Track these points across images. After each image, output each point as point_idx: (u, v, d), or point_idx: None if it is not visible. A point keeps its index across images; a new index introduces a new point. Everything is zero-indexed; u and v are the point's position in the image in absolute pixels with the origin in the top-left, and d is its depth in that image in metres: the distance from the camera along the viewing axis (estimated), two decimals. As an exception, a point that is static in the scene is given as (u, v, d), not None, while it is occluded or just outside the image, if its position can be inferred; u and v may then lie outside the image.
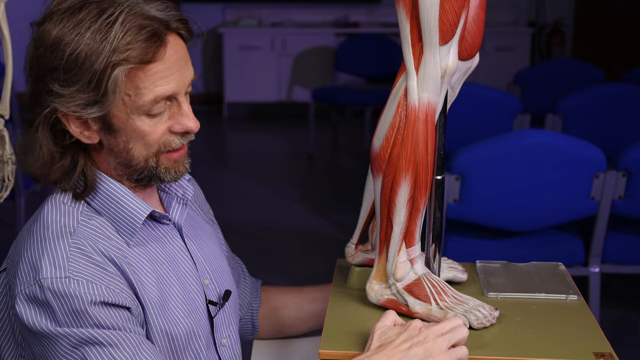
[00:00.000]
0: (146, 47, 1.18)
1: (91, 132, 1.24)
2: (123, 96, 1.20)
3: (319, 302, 1.58)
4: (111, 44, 1.17)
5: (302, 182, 5.72)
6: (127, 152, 1.25)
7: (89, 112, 1.20)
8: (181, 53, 1.24)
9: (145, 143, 1.24)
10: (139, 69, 1.19)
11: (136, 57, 1.18)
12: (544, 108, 4.02)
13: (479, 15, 1.24)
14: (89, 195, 1.28)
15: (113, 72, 1.17)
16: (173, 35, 1.23)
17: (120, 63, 1.17)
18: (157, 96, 1.21)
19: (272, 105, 7.50)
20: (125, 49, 1.17)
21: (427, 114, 1.21)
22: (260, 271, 1.55)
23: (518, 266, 1.49)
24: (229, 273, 1.48)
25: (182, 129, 1.26)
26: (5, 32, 1.98)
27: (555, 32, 7.45)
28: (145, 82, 1.20)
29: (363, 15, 7.63)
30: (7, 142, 2.09)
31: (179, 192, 1.39)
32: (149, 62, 1.19)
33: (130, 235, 1.28)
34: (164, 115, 1.24)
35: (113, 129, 1.23)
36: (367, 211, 1.38)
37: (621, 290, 3.73)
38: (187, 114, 1.25)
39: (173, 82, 1.22)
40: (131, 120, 1.22)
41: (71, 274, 1.18)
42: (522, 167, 2.71)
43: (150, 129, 1.23)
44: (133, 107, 1.21)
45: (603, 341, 1.22)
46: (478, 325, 1.24)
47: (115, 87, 1.18)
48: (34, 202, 4.63)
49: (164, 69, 1.21)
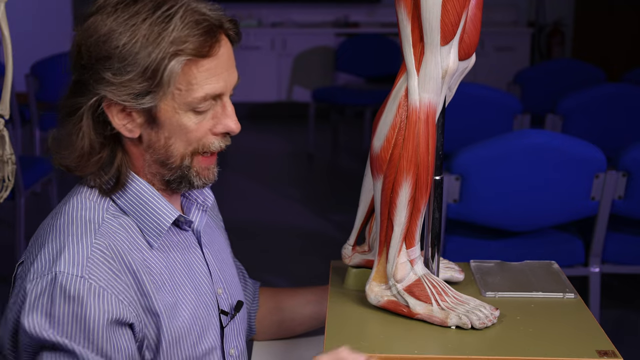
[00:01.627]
0: (203, 40, 1.20)
1: (134, 126, 1.24)
2: (174, 90, 1.21)
3: (314, 305, 1.58)
4: (170, 35, 1.19)
5: (302, 182, 5.72)
6: (167, 148, 1.25)
7: (139, 102, 1.21)
8: (230, 54, 1.26)
9: (187, 140, 1.25)
10: (193, 63, 1.20)
11: (193, 50, 1.19)
12: (544, 108, 4.02)
13: (477, 15, 1.24)
14: (116, 193, 1.28)
15: (170, 63, 1.19)
16: (223, 35, 1.25)
17: (178, 54, 1.19)
18: (207, 94, 1.23)
19: (272, 105, 7.50)
20: (183, 41, 1.19)
21: (428, 114, 1.21)
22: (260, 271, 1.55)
23: (512, 265, 1.49)
24: (238, 284, 1.48)
25: (224, 130, 1.26)
26: (5, 32, 1.98)
27: (555, 32, 7.45)
28: (197, 78, 1.21)
29: (363, 15, 7.63)
30: (7, 142, 2.09)
31: (199, 199, 1.39)
32: (204, 56, 1.21)
33: (155, 237, 1.28)
34: (208, 114, 1.25)
35: (157, 123, 1.24)
36: (365, 212, 1.38)
37: (621, 290, 3.73)
38: (231, 115, 1.26)
39: (222, 81, 1.24)
40: (177, 116, 1.23)
41: (87, 275, 1.18)
42: (522, 167, 2.71)
43: (194, 126, 1.24)
44: (182, 102, 1.22)
45: (605, 339, 1.22)
46: (480, 325, 1.24)
47: (170, 79, 1.20)
48: (34, 202, 4.64)
49: (216, 66, 1.22)
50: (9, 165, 2.09)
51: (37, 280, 1.19)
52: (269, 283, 1.74)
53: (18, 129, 4.83)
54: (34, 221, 1.40)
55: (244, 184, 5.49)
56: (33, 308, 1.18)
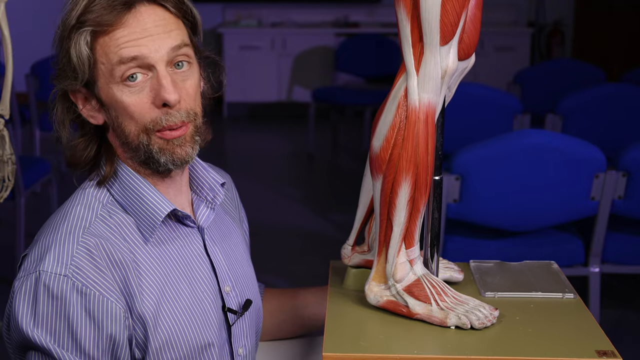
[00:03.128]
0: (106, 11, 1.21)
1: (93, 111, 1.27)
2: (99, 65, 1.23)
3: (313, 306, 1.58)
4: (75, 12, 1.22)
5: (302, 182, 5.72)
6: (121, 128, 1.26)
7: (76, 85, 1.24)
8: (158, 22, 1.24)
9: (130, 116, 1.25)
10: (104, 34, 1.22)
11: (94, 21, 1.21)
12: (544, 108, 4.02)
13: (476, 15, 1.24)
14: (111, 184, 1.30)
15: (74, 38, 1.22)
16: (149, 6, 1.25)
17: (78, 26, 1.22)
18: (123, 57, 1.22)
19: (272, 105, 7.50)
20: (84, 13, 1.21)
21: (427, 114, 1.21)
22: (260, 271, 1.54)
23: (512, 265, 1.49)
24: (254, 282, 1.47)
25: (160, 100, 1.24)
26: (5, 32, 1.98)
27: (555, 32, 7.45)
28: (110, 47, 1.23)
29: (363, 15, 7.63)
30: (7, 142, 2.09)
31: (209, 196, 1.38)
32: (110, 26, 1.22)
33: (150, 232, 1.28)
34: (144, 88, 1.24)
35: (104, 104, 1.26)
36: (364, 212, 1.38)
37: (621, 290, 3.73)
38: (166, 85, 1.23)
39: (142, 46, 1.23)
40: (112, 91, 1.24)
41: (70, 274, 1.19)
42: (522, 167, 2.71)
43: (129, 100, 1.24)
44: (108, 74, 1.24)
45: (604, 339, 1.22)
46: (479, 325, 1.24)
47: (80, 54, 1.22)
48: (34, 202, 4.64)
49: (130, 33, 1.23)
50: (9, 165, 2.09)
51: (23, 278, 1.21)
52: (269, 283, 1.74)
53: (18, 129, 4.83)
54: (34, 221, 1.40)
55: (243, 184, 5.49)
56: (19, 306, 1.19)
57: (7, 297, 1.28)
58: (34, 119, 4.90)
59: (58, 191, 4.09)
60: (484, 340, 1.22)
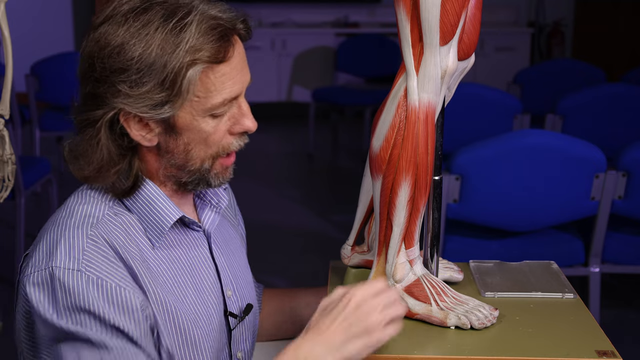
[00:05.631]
0: (219, 47, 1.19)
1: (152, 135, 1.24)
2: (192, 97, 1.21)
3: (313, 306, 1.57)
4: (186, 44, 1.18)
5: (302, 182, 5.72)
6: (187, 153, 1.25)
7: (158, 113, 1.20)
8: (243, 54, 1.25)
9: (206, 144, 1.25)
10: (210, 69, 1.20)
11: (210, 57, 1.19)
12: (544, 108, 4.02)
13: (476, 15, 1.24)
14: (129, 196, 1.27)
15: (188, 72, 1.18)
16: (236, 37, 1.24)
17: (195, 62, 1.18)
18: (225, 99, 1.22)
19: (272, 105, 7.50)
20: (199, 49, 1.18)
21: (427, 114, 1.21)
22: (260, 271, 1.55)
23: (511, 265, 1.49)
24: (252, 287, 1.47)
25: (242, 129, 1.26)
26: (5, 32, 1.98)
27: (555, 32, 7.45)
28: (215, 84, 1.21)
29: (363, 15, 7.63)
30: (7, 142, 2.09)
31: (214, 200, 1.38)
32: (221, 62, 1.20)
33: (157, 237, 1.28)
34: (225, 116, 1.25)
35: (175, 131, 1.23)
36: (364, 212, 1.38)
37: (621, 290, 3.73)
38: (247, 114, 1.26)
39: (238, 83, 1.23)
40: (196, 122, 1.22)
41: (83, 268, 1.18)
42: (522, 167, 2.71)
43: (212, 130, 1.24)
44: (200, 109, 1.22)
45: (604, 339, 1.22)
46: (479, 326, 1.24)
47: (189, 87, 1.19)
48: (34, 202, 4.64)
49: (231, 70, 1.22)
50: (9, 165, 2.09)
51: (34, 275, 1.19)
52: (269, 283, 1.74)
53: (18, 129, 4.83)
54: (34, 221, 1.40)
55: (243, 184, 5.49)
56: (39, 300, 1.18)
57: (7, 297, 1.27)
58: (34, 119, 4.90)
59: (58, 191, 4.09)
60: (484, 340, 1.23)
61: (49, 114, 5.03)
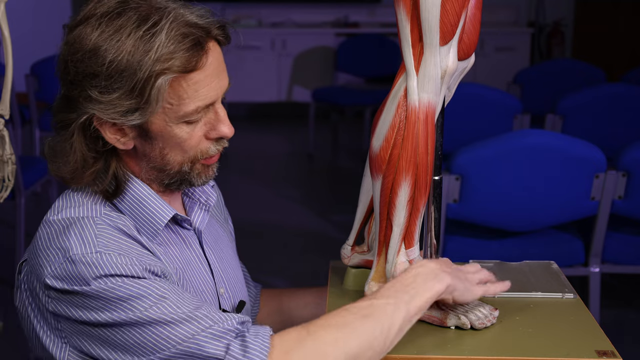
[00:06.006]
0: (189, 56, 1.18)
1: (127, 139, 1.23)
2: (164, 104, 1.19)
3: (313, 307, 1.57)
4: (155, 52, 1.16)
5: (302, 182, 5.72)
6: (163, 157, 1.25)
7: (128, 120, 1.19)
8: (220, 59, 1.24)
9: (182, 150, 1.24)
10: (181, 78, 1.18)
11: (180, 67, 1.17)
12: (544, 108, 4.02)
13: (476, 15, 1.24)
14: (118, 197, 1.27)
15: (157, 81, 1.17)
16: (212, 42, 1.23)
17: (164, 72, 1.17)
18: (199, 106, 1.21)
19: (272, 105, 7.50)
20: (169, 58, 1.17)
21: (427, 114, 1.21)
22: (260, 271, 1.55)
23: (511, 265, 1.49)
24: (243, 284, 1.47)
25: (217, 135, 1.25)
26: (5, 32, 1.98)
27: (555, 32, 7.45)
28: (188, 92, 1.20)
29: (363, 15, 7.63)
30: (7, 142, 2.09)
31: (202, 198, 1.38)
32: (192, 70, 1.19)
33: (151, 237, 1.27)
34: (200, 122, 1.24)
35: (150, 136, 1.23)
36: (364, 212, 1.38)
37: (621, 290, 3.73)
38: (223, 120, 1.25)
39: (213, 90, 1.22)
40: (169, 128, 1.22)
41: (102, 249, 1.17)
42: (522, 167, 2.71)
43: (187, 136, 1.23)
44: (173, 115, 1.21)
45: (604, 339, 1.22)
46: (479, 325, 1.25)
47: (158, 96, 1.18)
48: (34, 202, 4.63)
49: (205, 77, 1.20)
50: (9, 165, 2.09)
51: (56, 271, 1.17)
52: (269, 283, 1.74)
53: (18, 129, 4.83)
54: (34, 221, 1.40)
55: (243, 184, 5.49)
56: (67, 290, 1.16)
57: (7, 297, 1.27)
58: (34, 119, 4.90)
59: (58, 191, 4.09)
60: (484, 340, 1.22)
61: (49, 114, 5.00)
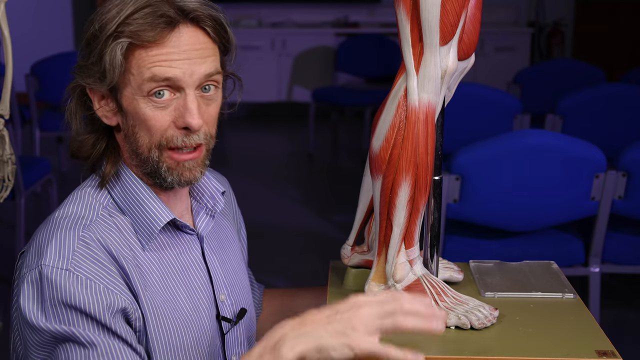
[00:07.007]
0: (149, 27, 1.20)
1: (108, 111, 1.26)
2: (129, 75, 1.22)
3: (312, 307, 1.57)
4: (117, 20, 1.20)
5: (302, 182, 5.72)
6: (134, 136, 1.25)
7: (99, 87, 1.23)
8: (197, 46, 1.23)
9: (148, 129, 1.24)
10: (141, 47, 1.20)
11: (133, 32, 1.20)
12: (544, 108, 4.02)
13: (476, 15, 1.24)
14: (112, 186, 1.29)
15: (111, 45, 1.20)
16: (191, 27, 1.23)
17: (118, 36, 1.20)
18: (155, 75, 1.21)
19: (272, 105, 7.50)
20: (127, 23, 1.20)
21: (427, 114, 1.21)
22: (260, 271, 1.55)
23: (511, 265, 1.49)
24: (248, 291, 1.46)
25: (183, 124, 1.23)
26: (5, 32, 1.98)
27: (555, 32, 7.45)
28: (146, 60, 1.21)
29: (363, 15, 7.63)
30: (7, 142, 2.09)
31: (210, 204, 1.38)
32: (150, 42, 1.20)
33: (147, 239, 1.27)
34: (169, 107, 1.23)
35: (124, 110, 1.25)
36: (364, 212, 1.38)
37: (621, 290, 3.73)
38: (191, 110, 1.23)
39: (178, 67, 1.21)
40: (135, 102, 1.23)
41: (72, 268, 1.18)
42: (522, 167, 2.71)
43: (152, 114, 1.23)
44: (136, 86, 1.22)
45: (604, 339, 1.22)
46: (479, 326, 1.24)
47: (113, 61, 1.20)
48: (34, 202, 4.63)
49: (167, 53, 1.21)
50: (9, 165, 2.09)
51: (26, 275, 1.20)
52: (269, 283, 1.74)
53: (18, 129, 4.83)
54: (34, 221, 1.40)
55: (243, 184, 5.49)
56: (26, 303, 1.18)
57: (7, 297, 1.27)
58: (34, 119, 4.90)
59: (58, 191, 4.09)
60: (484, 340, 1.22)
61: (49, 114, 5.03)
